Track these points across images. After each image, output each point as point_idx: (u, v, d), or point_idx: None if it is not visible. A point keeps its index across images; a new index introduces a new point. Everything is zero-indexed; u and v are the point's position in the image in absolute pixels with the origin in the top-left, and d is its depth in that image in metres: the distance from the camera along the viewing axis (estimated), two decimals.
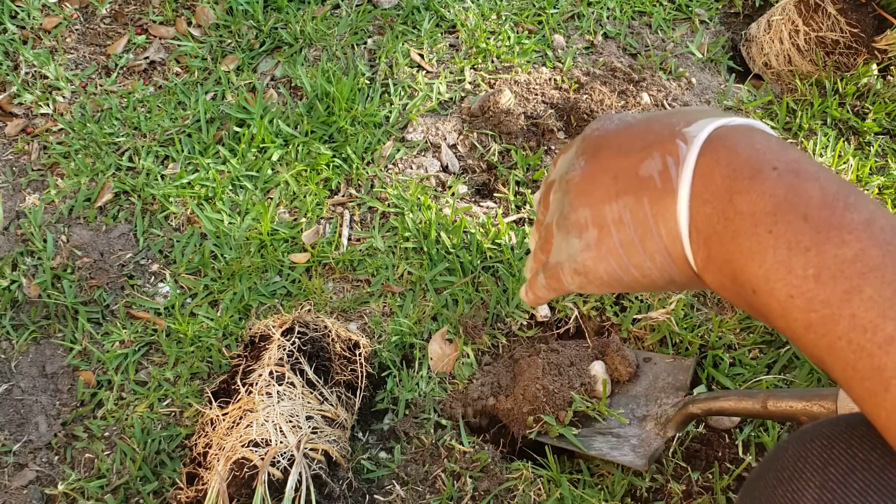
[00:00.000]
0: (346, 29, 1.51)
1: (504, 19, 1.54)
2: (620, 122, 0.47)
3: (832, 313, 0.36)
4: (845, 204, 0.37)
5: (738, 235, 0.39)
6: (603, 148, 0.46)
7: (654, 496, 1.00)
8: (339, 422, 0.99)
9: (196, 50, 1.50)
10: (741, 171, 0.39)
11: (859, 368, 0.35)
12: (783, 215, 0.37)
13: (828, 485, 0.40)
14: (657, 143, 0.43)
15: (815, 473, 0.41)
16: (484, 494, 1.00)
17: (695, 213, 0.41)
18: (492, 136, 1.36)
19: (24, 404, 1.13)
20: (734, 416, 0.84)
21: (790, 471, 0.43)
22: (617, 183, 0.44)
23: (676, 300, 1.14)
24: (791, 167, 0.39)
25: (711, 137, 0.42)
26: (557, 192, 0.49)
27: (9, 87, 1.45)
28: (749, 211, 0.38)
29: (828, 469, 0.40)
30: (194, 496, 0.92)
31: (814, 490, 0.40)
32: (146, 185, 1.31)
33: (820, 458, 0.41)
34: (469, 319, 1.13)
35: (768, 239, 0.37)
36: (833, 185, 0.38)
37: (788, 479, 0.42)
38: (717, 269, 0.41)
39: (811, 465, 0.42)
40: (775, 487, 0.43)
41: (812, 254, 0.36)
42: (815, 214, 0.37)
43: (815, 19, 1.36)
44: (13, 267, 1.25)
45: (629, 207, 0.43)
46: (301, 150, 1.34)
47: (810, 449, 0.42)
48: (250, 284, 1.20)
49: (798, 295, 0.37)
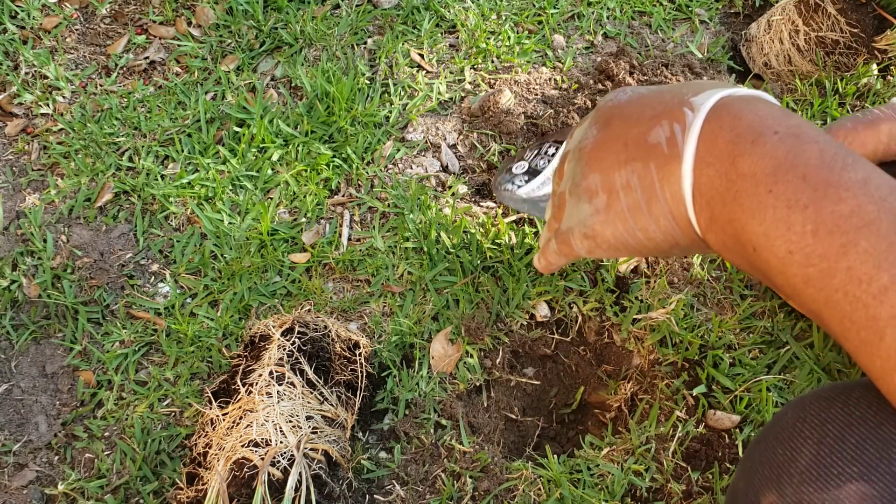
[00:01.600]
0: (346, 29, 1.51)
1: (504, 19, 1.54)
2: (633, 93, 0.49)
3: (829, 267, 0.37)
4: (843, 164, 0.38)
5: (739, 196, 0.40)
6: (615, 118, 0.47)
7: (654, 496, 1.00)
8: (339, 422, 0.99)
9: (196, 50, 1.50)
10: (743, 136, 0.41)
11: (855, 319, 0.36)
12: (783, 175, 0.38)
13: (825, 440, 0.41)
14: (666, 111, 0.44)
15: (812, 431, 0.42)
16: (484, 494, 1.00)
17: (698, 177, 0.42)
18: (492, 136, 1.36)
19: (24, 404, 1.13)
20: None
21: (789, 431, 0.44)
22: (627, 150, 0.45)
23: (676, 300, 1.14)
24: (792, 131, 0.40)
25: (717, 106, 0.43)
26: (571, 161, 0.51)
27: (9, 87, 1.45)
28: (750, 172, 0.39)
29: (825, 427, 0.41)
30: (194, 496, 0.92)
31: (811, 446, 0.41)
32: (146, 185, 1.31)
33: (818, 418, 0.42)
34: (471, 320, 1.13)
35: (768, 198, 0.39)
36: (831, 147, 0.39)
37: (787, 439, 0.43)
38: (720, 229, 0.42)
39: (809, 424, 0.42)
40: (774, 448, 0.44)
41: (810, 210, 0.37)
42: (813, 174, 0.38)
43: (815, 19, 1.36)
44: (13, 267, 1.25)
45: (637, 173, 0.45)
46: (301, 150, 1.34)
47: (808, 410, 0.43)
48: (250, 284, 1.20)
49: (797, 250, 0.38)
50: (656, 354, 1.10)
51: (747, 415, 1.04)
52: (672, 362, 1.10)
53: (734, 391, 1.06)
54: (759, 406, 1.04)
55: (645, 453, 1.02)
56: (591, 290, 1.16)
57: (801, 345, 1.09)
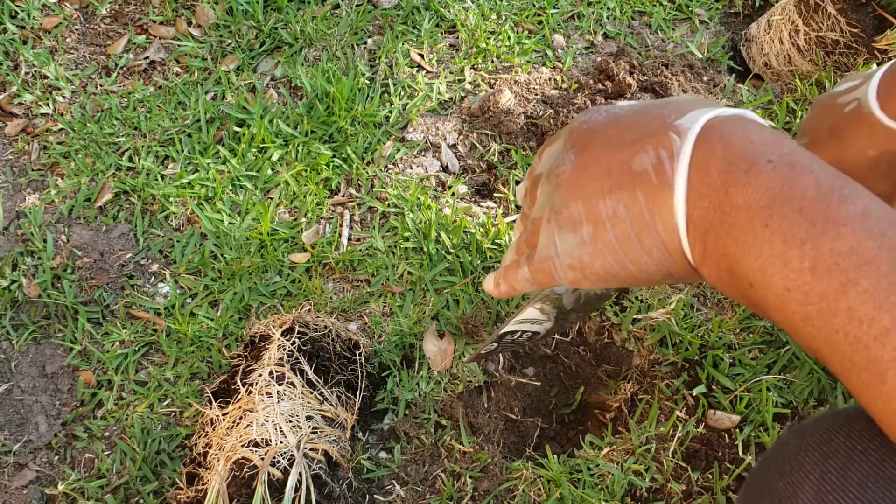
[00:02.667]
0: (346, 29, 1.51)
1: (504, 19, 1.54)
2: (609, 114, 0.46)
3: (829, 306, 0.36)
4: (840, 196, 0.37)
5: (734, 229, 0.39)
6: (593, 141, 0.45)
7: (654, 496, 1.00)
8: (339, 422, 0.99)
9: (196, 50, 1.50)
10: (736, 164, 0.39)
11: (856, 361, 0.36)
12: (778, 208, 0.37)
13: (827, 476, 0.40)
14: (649, 135, 0.42)
15: (814, 466, 0.41)
16: (484, 494, 1.00)
17: (691, 208, 0.41)
18: (492, 136, 1.36)
19: (24, 404, 1.13)
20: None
21: (790, 464, 0.43)
22: (610, 177, 0.43)
23: (676, 300, 1.14)
24: (786, 159, 0.39)
25: (705, 129, 0.41)
26: (546, 186, 0.48)
27: (9, 87, 1.45)
28: (745, 204, 0.38)
29: (827, 462, 0.41)
30: (194, 496, 0.92)
31: (813, 482, 0.40)
32: (146, 185, 1.31)
33: (819, 451, 0.41)
34: (470, 319, 1.13)
35: (764, 232, 0.37)
36: (828, 177, 0.38)
37: (789, 473, 0.43)
38: (714, 262, 0.41)
39: (811, 457, 0.42)
40: (776, 481, 0.43)
41: (808, 247, 0.36)
42: (810, 207, 0.37)
43: (815, 19, 1.36)
44: (13, 267, 1.25)
45: (624, 202, 0.43)
46: (301, 150, 1.34)
47: (810, 443, 0.43)
48: (250, 284, 1.20)
49: (795, 288, 0.37)
50: (656, 354, 1.10)
51: (747, 415, 1.04)
52: (672, 362, 1.10)
53: (734, 391, 1.06)
54: (759, 406, 1.04)
55: (645, 453, 1.02)
56: None
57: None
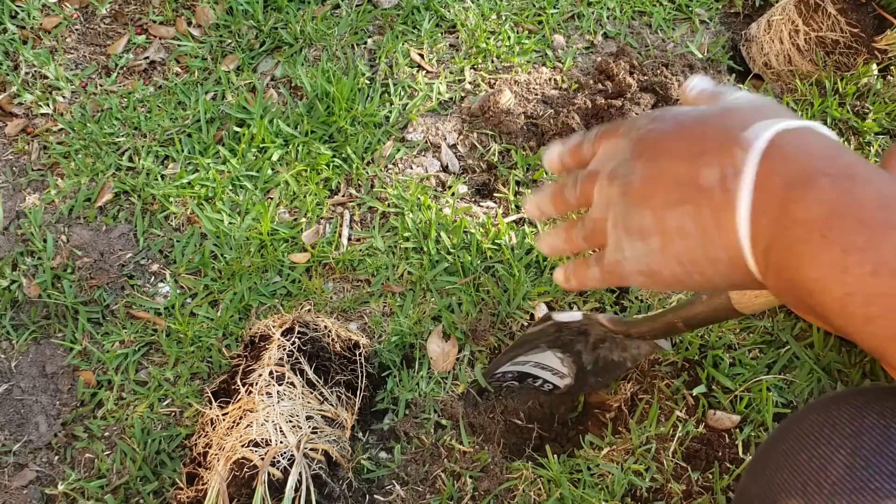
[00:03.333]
0: (346, 29, 1.51)
1: (504, 19, 1.54)
2: (676, 122, 0.47)
3: (893, 304, 0.36)
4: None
5: (793, 243, 0.39)
6: (661, 153, 0.46)
7: (654, 496, 1.00)
8: (339, 422, 0.99)
9: (196, 50, 1.50)
10: (796, 180, 0.39)
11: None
12: (837, 220, 0.37)
13: (860, 452, 0.40)
14: (716, 149, 0.43)
15: (845, 440, 0.41)
16: (484, 494, 1.00)
17: (754, 224, 0.41)
18: (492, 136, 1.36)
19: (24, 404, 1.13)
20: (703, 322, 0.81)
21: (815, 437, 0.43)
22: (678, 190, 0.44)
23: (676, 300, 1.14)
24: (845, 171, 0.39)
25: (768, 144, 0.41)
26: (609, 189, 0.48)
27: (9, 87, 1.45)
28: (804, 218, 0.39)
29: (861, 437, 0.40)
30: (194, 496, 0.92)
31: (844, 457, 0.40)
32: (146, 185, 1.31)
33: (850, 427, 0.41)
34: (477, 324, 1.13)
35: (822, 243, 0.38)
36: (889, 187, 0.38)
37: (814, 445, 0.42)
38: (776, 275, 0.41)
39: (840, 432, 0.41)
40: (798, 453, 0.43)
41: (868, 252, 0.36)
42: (870, 216, 0.37)
43: (815, 19, 1.36)
44: (13, 267, 1.25)
45: (690, 216, 0.43)
46: (301, 150, 1.34)
47: (837, 417, 0.42)
48: (250, 284, 1.20)
49: (856, 292, 0.37)
50: (656, 354, 1.10)
51: (747, 415, 1.04)
52: (672, 362, 1.10)
53: (734, 391, 1.06)
54: (759, 406, 1.04)
55: (645, 453, 1.02)
56: (591, 290, 1.16)
57: (801, 345, 1.09)
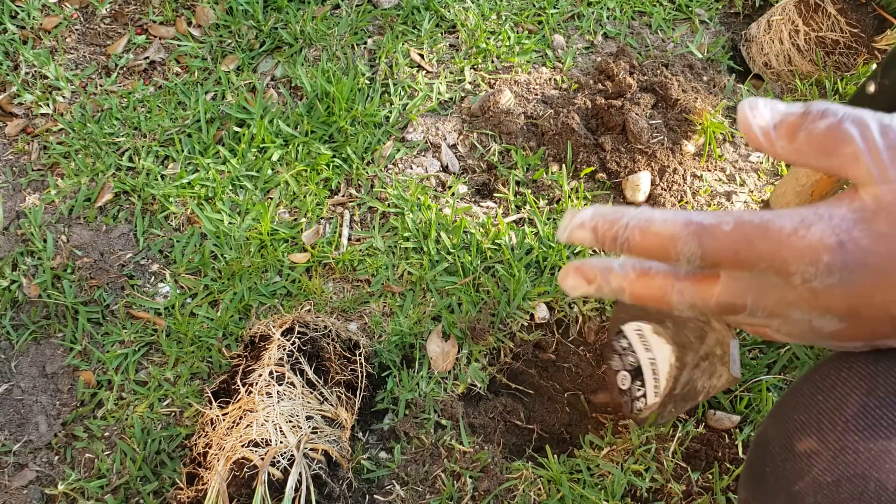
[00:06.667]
0: (346, 29, 1.51)
1: (504, 19, 1.54)
2: (869, 271, 0.38)
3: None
4: None
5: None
6: (863, 308, 0.39)
7: (654, 496, 1.00)
8: (338, 422, 0.99)
9: (196, 50, 1.50)
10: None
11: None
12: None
13: (875, 392, 0.39)
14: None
15: (860, 381, 0.40)
16: (484, 494, 1.00)
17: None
18: (492, 136, 1.36)
19: (24, 404, 1.13)
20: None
21: (832, 380, 0.42)
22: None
23: None
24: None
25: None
26: (773, 322, 0.42)
27: (9, 87, 1.45)
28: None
29: (875, 379, 0.40)
30: (194, 496, 0.92)
31: (859, 396, 0.40)
32: (146, 185, 1.31)
33: (866, 370, 0.40)
34: (476, 323, 1.13)
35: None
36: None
37: (830, 387, 0.42)
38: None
39: (856, 374, 0.41)
40: (814, 395, 0.43)
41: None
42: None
43: (815, 19, 1.36)
44: (13, 267, 1.25)
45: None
46: (301, 150, 1.34)
47: (854, 362, 0.42)
48: (250, 284, 1.20)
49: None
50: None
51: (747, 415, 1.04)
52: None
53: (734, 391, 1.06)
54: (759, 406, 1.04)
55: (645, 453, 1.02)
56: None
57: (800, 344, 1.09)
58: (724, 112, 1.42)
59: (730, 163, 1.37)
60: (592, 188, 1.30)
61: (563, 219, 0.41)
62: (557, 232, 0.42)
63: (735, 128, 1.41)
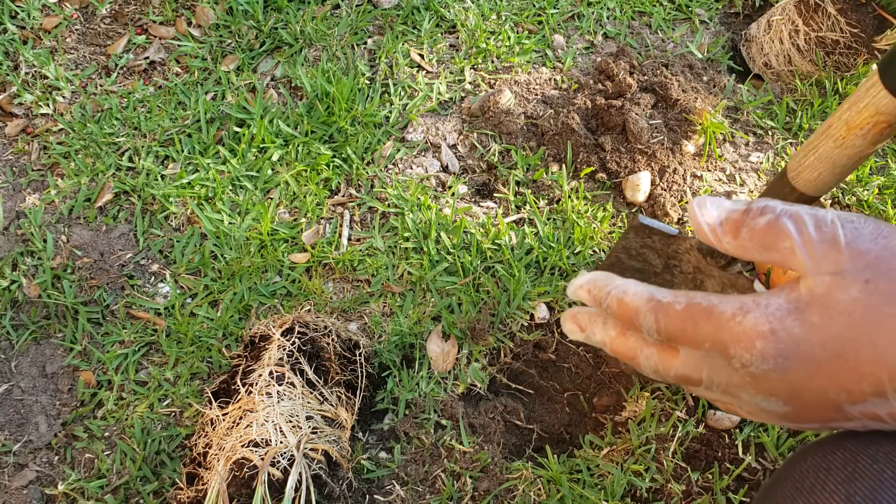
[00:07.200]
0: (346, 29, 1.51)
1: (504, 19, 1.54)
2: (800, 360, 0.40)
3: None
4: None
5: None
6: (799, 392, 0.41)
7: (654, 496, 1.00)
8: (338, 422, 0.99)
9: (196, 50, 1.50)
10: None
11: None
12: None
13: (854, 499, 0.39)
14: (871, 379, 0.38)
15: (839, 486, 0.41)
16: (484, 494, 1.00)
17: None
18: (492, 136, 1.36)
19: (24, 404, 1.13)
20: None
21: (811, 481, 0.43)
22: (835, 409, 0.41)
23: None
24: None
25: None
26: (726, 397, 0.44)
27: (9, 87, 1.45)
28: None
29: (853, 484, 0.40)
30: (194, 496, 0.92)
31: (838, 502, 0.40)
32: (146, 185, 1.31)
33: (844, 472, 0.41)
34: (476, 323, 1.13)
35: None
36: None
37: (810, 490, 0.42)
38: None
39: (834, 476, 0.41)
40: (794, 497, 0.43)
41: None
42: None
43: (815, 19, 1.36)
44: (13, 267, 1.25)
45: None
46: (301, 150, 1.34)
47: (832, 461, 0.42)
48: (250, 284, 1.20)
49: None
50: None
51: None
52: None
53: None
54: None
55: (645, 453, 1.02)
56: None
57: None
58: (724, 112, 1.42)
59: (730, 163, 1.37)
60: (592, 188, 1.30)
61: (575, 279, 0.48)
62: (567, 288, 0.50)
63: (735, 128, 1.42)
